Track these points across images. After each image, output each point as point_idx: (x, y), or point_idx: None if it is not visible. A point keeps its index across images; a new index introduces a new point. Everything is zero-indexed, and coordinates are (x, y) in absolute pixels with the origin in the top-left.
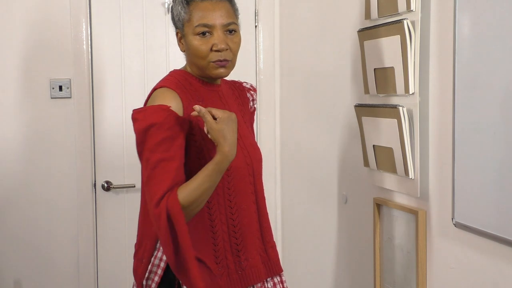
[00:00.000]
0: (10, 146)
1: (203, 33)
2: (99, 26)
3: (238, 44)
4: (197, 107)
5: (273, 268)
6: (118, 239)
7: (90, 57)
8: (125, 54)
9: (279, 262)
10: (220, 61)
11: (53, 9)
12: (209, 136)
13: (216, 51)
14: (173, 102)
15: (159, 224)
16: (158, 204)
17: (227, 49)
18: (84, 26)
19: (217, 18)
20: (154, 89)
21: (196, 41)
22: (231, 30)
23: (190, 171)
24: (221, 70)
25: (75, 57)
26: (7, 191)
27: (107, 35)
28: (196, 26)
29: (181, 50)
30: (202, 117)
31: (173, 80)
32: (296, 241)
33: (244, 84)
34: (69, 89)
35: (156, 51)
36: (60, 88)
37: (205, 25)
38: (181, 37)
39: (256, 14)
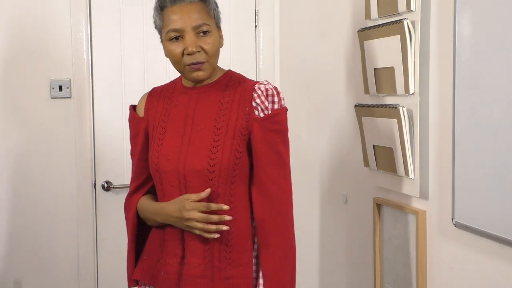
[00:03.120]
0: (10, 146)
1: (176, 38)
2: (99, 26)
3: (213, 44)
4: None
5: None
6: (118, 239)
7: (90, 57)
8: (125, 54)
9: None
10: (194, 64)
11: (53, 9)
12: None
13: (188, 54)
14: (140, 103)
15: (124, 213)
16: (131, 196)
17: (199, 52)
18: (84, 26)
19: (186, 21)
20: None
21: (169, 46)
22: (204, 31)
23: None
24: (198, 74)
25: (75, 57)
26: (7, 190)
27: (107, 35)
28: (167, 32)
29: (165, 56)
30: None
31: (161, 85)
32: (296, 241)
33: (257, 89)
34: (69, 89)
35: (156, 51)
36: (60, 88)
37: (175, 30)
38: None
39: (256, 14)
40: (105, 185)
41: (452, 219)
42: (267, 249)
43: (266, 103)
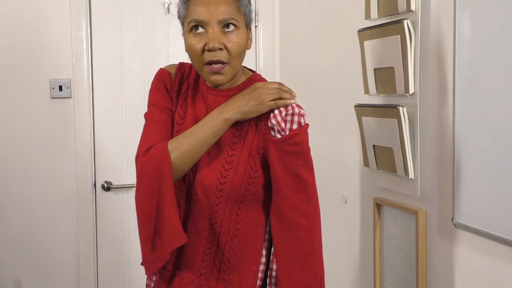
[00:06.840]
0: (10, 146)
1: (197, 29)
2: (99, 26)
3: (238, 44)
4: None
5: None
6: (118, 239)
7: (90, 57)
8: (125, 54)
9: None
10: (214, 62)
11: (53, 9)
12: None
13: (208, 50)
14: (167, 78)
15: (146, 171)
16: (146, 152)
17: (221, 49)
18: (84, 26)
19: (212, 13)
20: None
21: (189, 39)
22: (230, 27)
23: None
24: (217, 78)
25: (75, 57)
26: (7, 190)
27: (107, 35)
28: (189, 22)
29: (185, 51)
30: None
31: (189, 64)
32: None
33: (276, 111)
34: (69, 89)
35: (156, 51)
36: (60, 88)
37: (197, 21)
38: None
39: (256, 14)
40: (105, 185)
41: (452, 219)
42: (286, 279)
43: (283, 124)
